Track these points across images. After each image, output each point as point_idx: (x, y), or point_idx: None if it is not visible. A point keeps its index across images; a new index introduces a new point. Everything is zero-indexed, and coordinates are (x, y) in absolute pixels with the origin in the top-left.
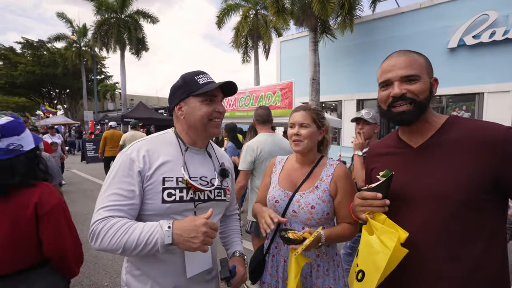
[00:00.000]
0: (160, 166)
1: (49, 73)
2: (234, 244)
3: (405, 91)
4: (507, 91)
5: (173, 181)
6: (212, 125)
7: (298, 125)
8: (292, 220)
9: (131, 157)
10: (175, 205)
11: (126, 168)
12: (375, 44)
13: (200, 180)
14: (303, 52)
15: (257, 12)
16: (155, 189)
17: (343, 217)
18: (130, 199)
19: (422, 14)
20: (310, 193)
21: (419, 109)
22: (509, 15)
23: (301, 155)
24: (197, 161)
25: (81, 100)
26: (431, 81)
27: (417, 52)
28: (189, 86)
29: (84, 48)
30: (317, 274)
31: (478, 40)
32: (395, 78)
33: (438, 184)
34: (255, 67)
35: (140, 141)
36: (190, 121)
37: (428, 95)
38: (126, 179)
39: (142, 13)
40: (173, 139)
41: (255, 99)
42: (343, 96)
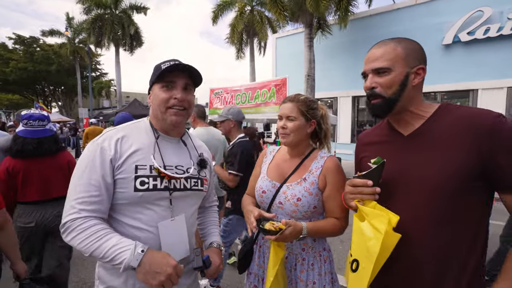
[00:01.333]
0: (132, 154)
1: (42, 69)
2: (211, 235)
3: (374, 84)
4: (501, 88)
5: (146, 169)
6: (170, 113)
7: (285, 117)
8: (278, 211)
9: (102, 146)
10: (148, 193)
11: (97, 157)
12: (370, 40)
13: (176, 169)
14: (299, 49)
15: (252, 8)
16: (127, 177)
17: (330, 212)
18: (102, 190)
19: (418, 10)
20: (297, 185)
21: (387, 104)
22: (503, 11)
23: (290, 148)
24: (171, 150)
25: (76, 97)
26: (409, 72)
27: (403, 39)
28: (155, 73)
29: (78, 45)
30: (302, 267)
31: (472, 37)
32: (368, 71)
33: (428, 173)
34: (251, 64)
35: (112, 130)
36: (154, 108)
37: (397, 89)
38: (97, 169)
39: (134, 7)
40: (147, 127)
41: (251, 96)
42: (338, 92)
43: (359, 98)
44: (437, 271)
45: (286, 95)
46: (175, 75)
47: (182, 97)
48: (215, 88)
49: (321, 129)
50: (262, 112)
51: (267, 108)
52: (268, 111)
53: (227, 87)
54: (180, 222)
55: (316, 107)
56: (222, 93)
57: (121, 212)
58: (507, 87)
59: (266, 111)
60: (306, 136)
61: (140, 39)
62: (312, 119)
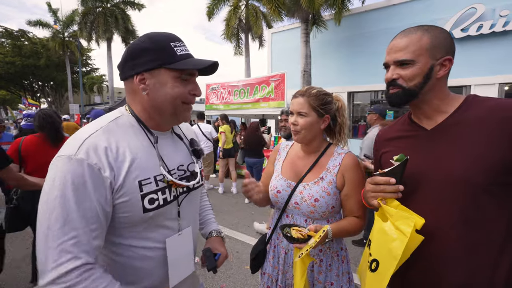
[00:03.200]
0: (130, 167)
1: (31, 64)
2: (209, 222)
3: (396, 76)
4: (493, 84)
5: (152, 183)
6: (184, 108)
7: (296, 113)
8: (294, 212)
9: (90, 164)
10: (160, 210)
11: (88, 182)
12: (366, 36)
13: (178, 171)
14: (294, 44)
15: (247, 3)
16: (132, 199)
17: (350, 211)
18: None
19: (413, 6)
20: (314, 185)
21: (406, 95)
22: (495, 8)
23: (303, 145)
24: (168, 147)
25: (66, 93)
26: (434, 63)
27: (431, 27)
28: (163, 53)
29: (68, 38)
30: (319, 269)
31: (466, 34)
32: (390, 62)
33: (455, 168)
34: (246, 60)
35: (91, 135)
36: (157, 99)
37: (420, 81)
38: (91, 195)
39: (128, 2)
40: (134, 125)
41: (250, 92)
42: (334, 88)
43: (355, 93)
44: (465, 272)
45: (284, 91)
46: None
47: (199, 93)
48: (211, 83)
49: (336, 122)
50: (260, 107)
51: (266, 103)
52: (268, 107)
53: (224, 82)
54: (187, 235)
55: (330, 101)
56: (219, 88)
57: (124, 235)
58: (499, 83)
59: (265, 107)
60: (319, 132)
61: (133, 34)
62: (326, 114)
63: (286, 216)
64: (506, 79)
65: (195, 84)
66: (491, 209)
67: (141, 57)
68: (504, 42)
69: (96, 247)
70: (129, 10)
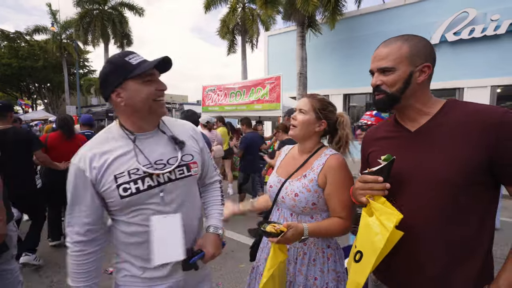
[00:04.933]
0: (109, 166)
1: (27, 66)
2: (210, 217)
3: (379, 82)
4: (485, 86)
5: (125, 175)
6: (158, 105)
7: (297, 110)
8: (282, 206)
9: (79, 167)
10: (134, 197)
11: (79, 179)
12: (360, 39)
13: (156, 165)
14: (291, 46)
15: (244, 6)
16: (109, 189)
17: (333, 210)
18: (93, 216)
19: (406, 10)
20: (297, 181)
21: (390, 100)
22: (487, 13)
23: (298, 142)
24: (150, 145)
25: (63, 95)
26: (413, 70)
27: (411, 37)
28: (123, 69)
29: (65, 40)
30: (302, 262)
31: (458, 37)
32: (374, 69)
33: (435, 168)
34: (242, 62)
35: (85, 146)
36: (134, 106)
37: (401, 87)
38: (83, 194)
39: (126, 5)
40: (119, 132)
41: (245, 94)
42: (330, 90)
43: (350, 96)
44: (443, 266)
45: (280, 93)
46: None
47: (165, 88)
48: (207, 85)
49: (336, 134)
50: (254, 109)
51: (260, 105)
52: (262, 109)
53: (220, 84)
54: (173, 221)
55: (331, 110)
56: (215, 90)
57: (121, 215)
58: (491, 86)
59: (259, 109)
60: (313, 133)
61: (129, 37)
62: (323, 119)
63: (277, 210)
64: (498, 81)
65: (159, 81)
66: (468, 206)
67: (109, 79)
68: (495, 45)
69: (87, 223)
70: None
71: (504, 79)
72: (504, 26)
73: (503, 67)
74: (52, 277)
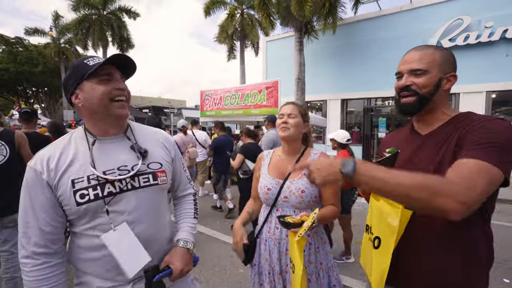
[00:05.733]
0: (66, 169)
1: (25, 70)
2: (180, 231)
3: (410, 82)
4: (480, 92)
5: (84, 181)
6: (115, 105)
7: (286, 115)
8: (284, 205)
9: (35, 169)
10: (92, 204)
11: (35, 183)
12: (358, 45)
13: (119, 171)
14: (289, 52)
15: (242, 12)
16: (66, 194)
17: (326, 199)
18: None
19: (402, 17)
20: (299, 179)
21: (420, 102)
22: (481, 20)
23: (287, 144)
24: (113, 150)
25: (60, 99)
26: (442, 77)
27: (438, 47)
28: (80, 71)
29: (64, 45)
30: (310, 251)
31: (453, 43)
32: (404, 71)
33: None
34: (241, 67)
35: (45, 148)
36: (90, 106)
37: (432, 89)
38: (40, 198)
39: (124, 10)
40: (82, 135)
41: (241, 98)
42: (328, 95)
43: (348, 101)
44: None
45: (278, 98)
46: (109, 67)
47: (124, 87)
48: (205, 90)
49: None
50: (252, 114)
51: (257, 110)
52: (260, 114)
53: (217, 89)
54: (122, 231)
55: (308, 115)
56: (212, 95)
57: (77, 224)
58: (486, 91)
59: (256, 113)
60: (300, 134)
61: (129, 42)
62: (306, 122)
63: (276, 210)
64: (493, 87)
65: (117, 81)
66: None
67: (69, 82)
68: (490, 52)
69: (48, 233)
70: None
71: (499, 84)
72: (498, 33)
73: (497, 73)
74: None
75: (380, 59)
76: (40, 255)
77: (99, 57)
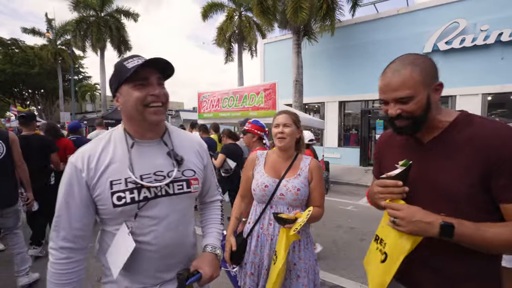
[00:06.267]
0: (105, 170)
1: (21, 72)
2: (207, 236)
3: (399, 111)
4: (476, 94)
5: (122, 183)
6: (149, 111)
7: (282, 125)
8: (279, 203)
9: (76, 166)
10: (128, 207)
11: (74, 180)
12: (355, 47)
13: (155, 176)
14: (287, 54)
15: (240, 14)
16: (103, 195)
17: (314, 200)
18: (83, 220)
19: (400, 20)
20: (295, 179)
21: (417, 123)
22: (476, 23)
23: (283, 150)
24: (150, 154)
25: (57, 101)
26: (429, 92)
27: (416, 60)
28: (119, 73)
29: (60, 46)
30: (299, 248)
31: (450, 46)
32: (389, 100)
33: (441, 180)
34: (239, 69)
35: (85, 145)
36: (126, 110)
37: (423, 110)
38: (76, 196)
39: (122, 11)
40: (121, 135)
41: (238, 100)
42: (325, 97)
43: (345, 103)
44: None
45: (276, 100)
46: (146, 71)
47: (159, 93)
48: (203, 92)
49: (299, 138)
50: (250, 116)
51: (255, 112)
52: (258, 116)
53: (214, 91)
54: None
55: (300, 121)
56: (210, 97)
57: (109, 224)
58: (482, 94)
59: (254, 115)
60: (294, 141)
61: (127, 44)
62: (299, 128)
63: (270, 207)
64: (489, 89)
65: (153, 86)
66: (473, 216)
67: (111, 83)
68: (485, 54)
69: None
70: (124, 19)
71: (495, 87)
72: (493, 36)
73: (493, 76)
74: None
75: (378, 61)
76: (66, 249)
77: (139, 58)
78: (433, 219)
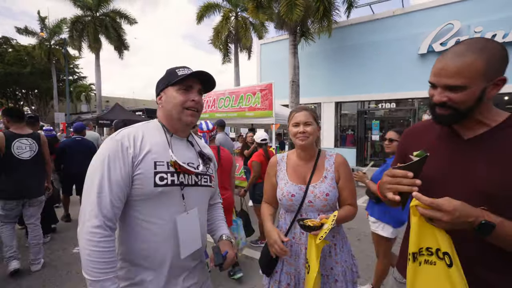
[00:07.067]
0: (150, 150)
1: (14, 72)
2: (220, 228)
3: (445, 99)
4: None
5: (164, 165)
6: (186, 113)
7: (302, 124)
8: (308, 210)
9: (122, 143)
10: (168, 188)
11: (119, 157)
12: (351, 48)
13: (188, 166)
14: (283, 55)
15: (237, 15)
16: (146, 173)
17: (344, 199)
18: (123, 193)
19: (395, 21)
20: (321, 183)
21: (458, 116)
22: (470, 25)
23: (304, 150)
24: (182, 148)
25: (51, 101)
26: (487, 86)
27: (488, 46)
28: (169, 77)
29: (54, 46)
30: (335, 252)
31: (445, 47)
32: (439, 85)
33: (484, 181)
34: (235, 70)
35: (126, 128)
36: (167, 109)
37: (472, 104)
38: (121, 171)
39: (118, 13)
40: (158, 126)
41: (235, 100)
42: (322, 98)
43: (342, 103)
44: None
45: (272, 101)
46: (191, 80)
47: (198, 100)
48: None
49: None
50: (246, 117)
51: (252, 113)
52: (254, 116)
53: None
54: (193, 215)
55: (318, 117)
56: (206, 97)
57: (135, 208)
58: None
59: (251, 116)
60: (315, 139)
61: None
62: (318, 125)
63: (300, 215)
64: None
65: (194, 93)
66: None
67: (159, 84)
68: None
69: (117, 207)
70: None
71: None
72: (487, 37)
73: None
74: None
75: (374, 62)
76: (108, 227)
77: (188, 69)
78: (478, 217)
